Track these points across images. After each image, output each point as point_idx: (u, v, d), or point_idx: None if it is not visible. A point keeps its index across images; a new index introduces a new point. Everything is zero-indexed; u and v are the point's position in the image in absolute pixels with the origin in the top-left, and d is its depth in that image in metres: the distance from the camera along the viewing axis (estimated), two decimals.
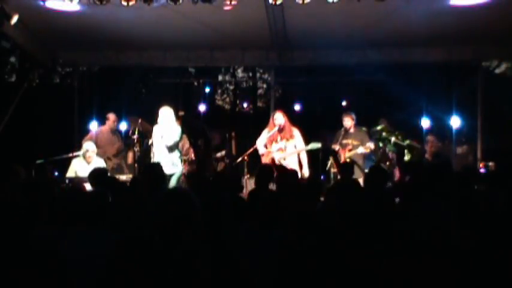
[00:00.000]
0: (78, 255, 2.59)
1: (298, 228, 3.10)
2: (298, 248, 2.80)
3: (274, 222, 3.26)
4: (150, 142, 7.75)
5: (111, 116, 8.78)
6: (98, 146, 7.97)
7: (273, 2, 6.65)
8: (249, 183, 7.56)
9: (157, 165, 5.28)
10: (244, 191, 6.74)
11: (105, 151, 8.43)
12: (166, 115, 7.56)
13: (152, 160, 7.44)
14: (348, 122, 8.02)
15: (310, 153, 7.97)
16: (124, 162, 8.70)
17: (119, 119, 9.48)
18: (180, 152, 7.98)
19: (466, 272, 2.48)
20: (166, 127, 7.53)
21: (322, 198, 4.59)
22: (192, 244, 2.48)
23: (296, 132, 7.87)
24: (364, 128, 8.23)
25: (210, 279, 2.45)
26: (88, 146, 7.69)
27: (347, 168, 6.55)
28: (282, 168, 6.50)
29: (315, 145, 7.86)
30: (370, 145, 7.78)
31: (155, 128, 7.64)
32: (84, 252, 2.67)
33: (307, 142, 7.96)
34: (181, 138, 7.92)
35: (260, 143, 7.92)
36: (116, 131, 8.84)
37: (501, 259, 2.60)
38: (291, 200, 3.80)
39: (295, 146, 7.78)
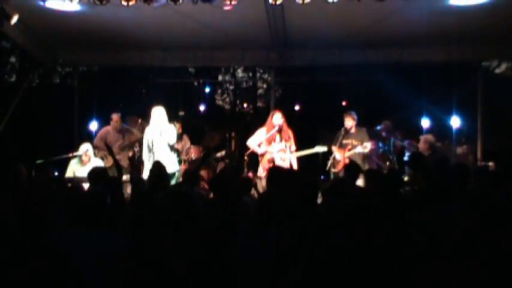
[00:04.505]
0: (81, 255, 2.59)
1: (295, 229, 3.10)
2: (294, 248, 2.81)
3: (273, 222, 3.26)
4: (146, 144, 7.66)
5: (114, 116, 8.78)
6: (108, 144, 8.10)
7: (273, 2, 6.65)
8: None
9: (161, 164, 5.30)
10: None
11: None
12: (160, 115, 7.55)
13: (154, 159, 7.39)
14: (349, 122, 8.00)
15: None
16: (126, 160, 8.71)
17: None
18: (178, 152, 8.00)
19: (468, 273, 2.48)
20: (164, 126, 7.51)
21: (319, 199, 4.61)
22: (193, 243, 2.48)
23: (291, 134, 7.88)
24: (364, 128, 8.23)
25: (209, 278, 2.45)
26: (87, 146, 7.71)
27: (351, 169, 6.33)
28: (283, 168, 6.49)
29: (321, 148, 7.85)
30: (367, 145, 7.76)
31: (148, 129, 7.61)
32: (87, 253, 2.66)
33: (309, 144, 7.96)
34: (178, 137, 7.93)
35: (254, 143, 7.86)
36: (121, 130, 8.82)
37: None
38: (289, 200, 3.80)
39: (290, 147, 7.78)
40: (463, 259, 2.45)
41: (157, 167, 5.16)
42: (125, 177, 7.11)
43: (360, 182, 7.29)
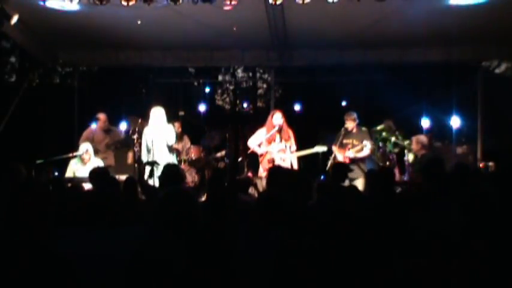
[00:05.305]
0: (80, 256, 2.59)
1: (296, 228, 3.10)
2: (296, 248, 2.80)
3: (274, 221, 3.25)
4: (145, 144, 7.64)
5: (101, 116, 8.75)
6: (93, 143, 8.08)
7: (273, 2, 6.66)
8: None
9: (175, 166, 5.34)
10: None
11: (97, 147, 8.49)
12: (159, 115, 7.54)
13: (152, 159, 7.38)
14: (350, 124, 7.95)
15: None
16: (122, 159, 8.72)
17: (119, 119, 9.48)
18: (177, 152, 8.00)
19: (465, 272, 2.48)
20: (162, 127, 7.50)
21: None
22: (192, 243, 2.48)
23: (291, 133, 7.86)
24: (364, 128, 8.21)
25: (209, 278, 2.45)
26: (87, 146, 7.70)
27: (338, 169, 6.23)
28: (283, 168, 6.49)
29: (321, 148, 7.85)
30: (368, 144, 7.72)
31: (146, 130, 7.60)
32: (87, 253, 2.67)
33: (309, 144, 7.95)
34: (177, 137, 7.93)
35: (254, 143, 7.85)
36: (108, 130, 8.80)
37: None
38: (289, 200, 3.80)
39: (290, 147, 7.78)
40: (462, 259, 2.45)
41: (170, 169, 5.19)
42: (124, 177, 7.13)
43: (360, 183, 7.31)
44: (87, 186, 5.50)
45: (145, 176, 7.03)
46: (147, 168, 7.16)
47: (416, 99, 10.87)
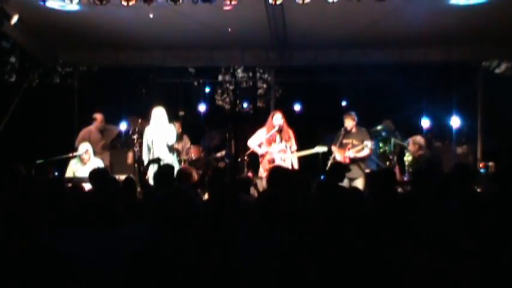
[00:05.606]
0: (81, 256, 2.59)
1: (296, 228, 3.10)
2: (296, 248, 2.80)
3: (275, 222, 3.25)
4: (146, 144, 7.64)
5: (98, 116, 8.73)
6: (90, 144, 8.04)
7: (273, 2, 6.66)
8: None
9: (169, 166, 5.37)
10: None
11: (93, 148, 8.46)
12: (160, 116, 7.55)
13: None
14: (349, 123, 7.94)
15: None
16: (122, 159, 8.70)
17: (119, 119, 9.47)
18: (177, 152, 7.99)
19: (465, 272, 2.48)
20: (163, 127, 7.51)
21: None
22: (192, 243, 2.48)
23: (291, 134, 7.86)
24: (364, 128, 8.21)
25: (208, 278, 2.45)
26: (86, 146, 7.70)
27: (336, 169, 6.24)
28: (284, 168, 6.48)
29: (321, 148, 7.85)
30: (368, 143, 7.71)
31: (147, 130, 7.60)
32: (87, 253, 2.67)
33: (310, 144, 7.95)
34: (178, 137, 7.94)
35: (254, 143, 7.85)
36: (103, 130, 8.78)
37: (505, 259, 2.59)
38: (288, 200, 3.79)
39: (290, 147, 7.77)
40: (462, 259, 2.45)
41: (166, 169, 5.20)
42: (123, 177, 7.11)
43: (360, 183, 7.31)
44: (87, 186, 5.50)
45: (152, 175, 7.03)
46: (151, 167, 7.16)
47: (416, 99, 10.87)
